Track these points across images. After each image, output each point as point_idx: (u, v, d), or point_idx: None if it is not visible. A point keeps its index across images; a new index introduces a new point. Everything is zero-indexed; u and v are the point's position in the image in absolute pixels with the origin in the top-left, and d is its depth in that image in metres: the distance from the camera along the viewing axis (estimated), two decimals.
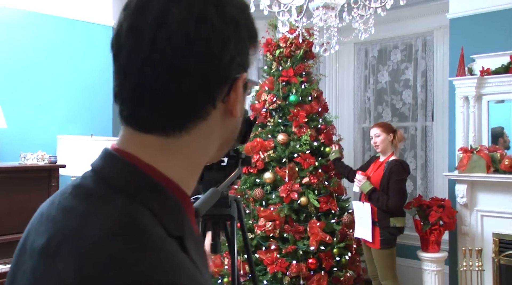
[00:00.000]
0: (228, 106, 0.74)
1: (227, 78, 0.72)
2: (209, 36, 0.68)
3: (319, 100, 4.88)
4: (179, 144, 0.71)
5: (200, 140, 0.73)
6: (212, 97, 0.71)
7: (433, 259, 4.46)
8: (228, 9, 0.71)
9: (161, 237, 0.64)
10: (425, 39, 5.59)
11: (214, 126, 0.74)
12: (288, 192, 4.41)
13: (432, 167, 5.57)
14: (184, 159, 0.73)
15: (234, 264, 1.57)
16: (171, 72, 0.68)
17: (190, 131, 0.71)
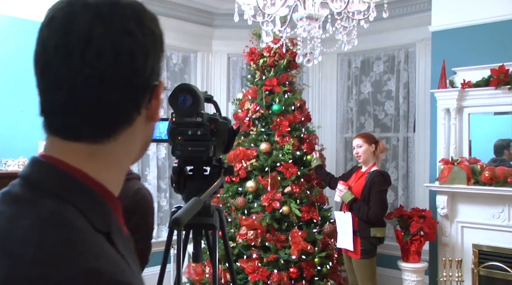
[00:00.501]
0: (150, 112, 0.80)
1: (149, 87, 0.78)
2: (133, 49, 0.74)
3: (302, 110, 4.90)
4: (107, 149, 0.76)
5: (125, 144, 0.78)
6: (138, 105, 0.77)
7: (413, 269, 4.49)
8: (147, 24, 0.78)
9: (88, 231, 0.70)
10: (407, 51, 5.65)
11: (138, 131, 0.79)
12: (270, 201, 4.42)
13: (413, 178, 5.62)
14: (111, 162, 0.78)
15: (215, 273, 1.57)
16: (101, 84, 0.72)
17: (117, 137, 0.76)
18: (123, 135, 0.77)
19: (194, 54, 6.13)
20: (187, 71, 6.09)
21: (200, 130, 1.49)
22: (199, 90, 1.49)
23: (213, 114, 1.58)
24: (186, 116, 1.48)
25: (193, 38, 5.99)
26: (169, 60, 5.88)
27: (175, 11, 5.76)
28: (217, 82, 6.20)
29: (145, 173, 5.64)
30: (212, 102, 1.64)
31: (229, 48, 6.13)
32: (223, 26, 6.07)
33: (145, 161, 5.65)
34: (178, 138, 1.50)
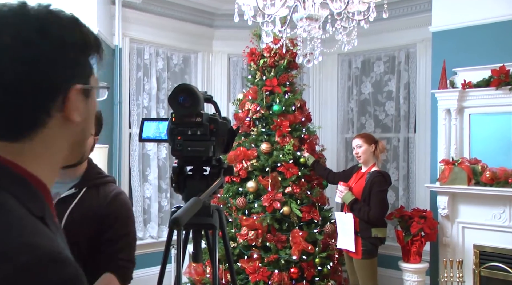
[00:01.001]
0: (66, 114, 0.84)
1: (57, 91, 0.82)
2: (35, 58, 0.78)
3: (303, 110, 4.90)
4: (27, 148, 0.82)
5: (44, 145, 0.83)
6: (45, 109, 0.81)
7: (414, 270, 4.48)
8: (53, 32, 0.81)
9: (25, 214, 0.76)
10: (408, 51, 5.65)
11: (56, 132, 0.84)
12: (270, 201, 4.42)
13: (414, 178, 5.62)
14: (36, 158, 0.83)
15: (216, 273, 1.57)
16: (5, 92, 0.78)
17: (32, 138, 0.82)
18: (40, 137, 0.82)
19: (195, 54, 6.14)
20: (188, 72, 6.10)
21: (199, 130, 1.49)
22: (198, 91, 1.49)
23: (213, 114, 1.58)
24: (186, 116, 1.48)
25: (194, 39, 6.00)
26: (170, 61, 5.88)
27: (175, 11, 5.77)
28: (218, 82, 6.20)
29: (146, 173, 5.65)
30: (211, 103, 1.64)
31: (230, 49, 6.13)
32: (223, 27, 6.08)
33: (146, 161, 5.65)
34: (177, 138, 1.50)
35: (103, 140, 4.74)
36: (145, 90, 5.62)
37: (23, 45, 0.78)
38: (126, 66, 5.42)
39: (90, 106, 0.90)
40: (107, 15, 5.15)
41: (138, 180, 5.56)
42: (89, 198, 1.81)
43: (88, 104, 0.89)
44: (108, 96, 4.60)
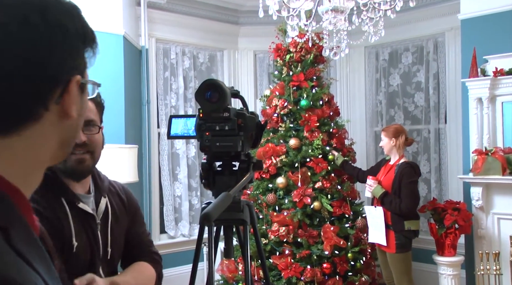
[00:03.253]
0: (63, 108, 0.76)
1: (57, 81, 0.74)
2: (33, 41, 0.70)
3: (330, 105, 4.86)
4: (10, 145, 0.72)
5: (33, 141, 0.74)
6: (43, 100, 0.72)
7: (449, 263, 4.41)
8: (54, 15, 0.73)
9: None
10: (436, 40, 5.55)
11: (49, 128, 0.75)
12: (301, 196, 4.40)
13: (446, 170, 5.52)
14: (16, 158, 0.73)
15: (248, 269, 1.56)
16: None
17: (21, 134, 0.72)
18: (30, 132, 0.73)
19: (221, 52, 6.15)
20: (214, 70, 6.11)
21: (227, 126, 1.48)
22: (225, 85, 1.48)
23: (240, 109, 1.57)
24: (213, 111, 1.48)
25: (219, 37, 6.01)
26: (196, 59, 5.91)
27: (200, 10, 5.79)
28: (244, 79, 6.20)
29: (175, 172, 5.69)
30: (239, 98, 1.64)
31: (255, 45, 6.13)
32: (248, 23, 6.07)
33: (175, 160, 5.69)
34: (205, 134, 1.49)
35: (132, 141, 4.79)
36: (172, 89, 5.66)
37: (22, 25, 0.70)
38: (153, 67, 5.46)
39: (84, 102, 0.83)
40: (132, 16, 5.20)
41: (168, 179, 5.60)
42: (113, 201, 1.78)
43: (83, 100, 0.82)
44: (136, 97, 4.69)
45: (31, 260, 0.67)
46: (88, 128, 1.58)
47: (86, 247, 1.56)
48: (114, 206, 1.75)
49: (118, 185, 1.86)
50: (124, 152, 4.13)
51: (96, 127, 1.60)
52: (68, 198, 1.56)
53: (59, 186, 1.57)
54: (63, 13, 0.75)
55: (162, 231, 5.57)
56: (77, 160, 1.55)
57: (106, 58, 4.64)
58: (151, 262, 1.78)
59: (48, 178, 1.50)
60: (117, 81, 4.64)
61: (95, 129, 1.60)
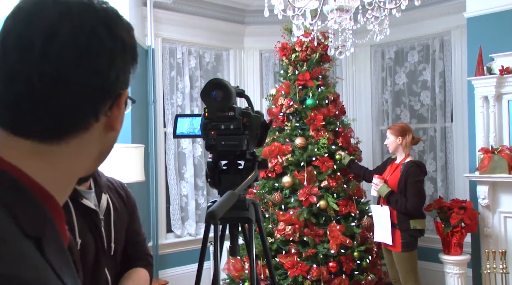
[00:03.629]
0: (110, 121, 0.77)
1: (112, 94, 0.75)
2: (99, 52, 0.72)
3: (336, 103, 4.87)
4: (54, 150, 0.72)
5: (78, 150, 0.75)
6: (96, 111, 0.74)
7: (455, 262, 4.40)
8: (117, 30, 0.75)
9: (14, 233, 0.64)
10: (442, 39, 5.54)
11: (95, 138, 0.76)
12: (307, 195, 4.40)
13: (452, 168, 5.51)
14: (57, 164, 0.73)
15: (253, 267, 1.57)
16: (59, 83, 0.69)
17: (69, 141, 0.73)
18: (78, 141, 0.73)
19: (227, 52, 6.16)
20: (220, 69, 6.13)
21: (232, 125, 1.49)
22: (230, 85, 1.49)
23: (246, 108, 1.58)
24: (219, 110, 1.49)
25: (225, 36, 6.03)
26: (202, 59, 5.92)
27: (206, 10, 5.80)
28: (250, 79, 6.21)
29: (182, 171, 5.71)
30: (244, 97, 1.65)
31: (261, 45, 6.14)
32: (254, 23, 6.09)
33: (181, 160, 5.71)
34: (211, 133, 1.51)
35: (138, 140, 4.81)
36: (178, 89, 5.68)
37: (89, 35, 0.71)
38: (159, 66, 5.48)
39: (123, 117, 0.83)
40: (139, 16, 5.22)
41: (175, 178, 5.62)
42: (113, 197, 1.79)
43: (123, 114, 0.82)
44: (142, 96, 4.72)
45: (60, 272, 0.67)
46: None
47: (90, 244, 1.57)
48: (114, 202, 1.76)
49: (116, 182, 1.87)
50: (130, 151, 4.15)
51: None
52: (71, 195, 1.57)
53: None
54: (124, 29, 0.77)
55: (168, 230, 5.59)
56: None
57: None
58: (146, 265, 1.80)
59: None
60: None
61: None
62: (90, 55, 0.71)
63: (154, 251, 5.23)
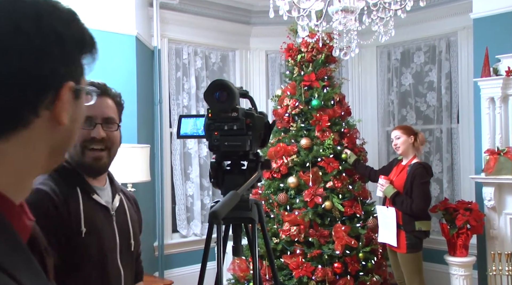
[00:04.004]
0: (54, 115, 0.76)
1: (48, 88, 0.74)
2: (25, 47, 0.71)
3: (342, 104, 4.87)
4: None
5: (22, 147, 0.74)
6: (32, 107, 0.73)
7: (461, 264, 4.39)
8: (48, 23, 0.74)
9: None
10: (448, 40, 5.53)
11: (39, 134, 0.75)
12: (312, 196, 4.41)
13: (458, 170, 5.50)
14: (3, 163, 0.73)
15: (256, 266, 1.58)
16: None
17: (10, 139, 0.72)
18: (18, 138, 0.72)
19: (233, 52, 6.17)
20: (226, 70, 6.14)
21: (236, 125, 1.50)
22: (234, 86, 1.50)
23: (249, 109, 1.59)
24: (222, 111, 1.50)
25: (231, 37, 6.04)
26: (208, 59, 5.94)
27: (212, 10, 5.82)
28: (256, 79, 6.22)
29: (187, 172, 5.72)
30: (247, 98, 1.65)
31: (267, 45, 6.14)
32: (260, 24, 6.09)
33: (187, 160, 5.73)
34: (214, 133, 1.51)
35: (144, 140, 4.83)
36: (184, 89, 5.69)
37: (14, 32, 0.70)
38: (165, 67, 5.50)
39: (79, 109, 0.82)
40: (145, 17, 5.24)
41: (180, 178, 5.63)
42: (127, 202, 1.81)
43: (77, 106, 0.82)
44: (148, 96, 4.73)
45: (12, 270, 0.66)
46: (107, 125, 1.63)
47: (96, 236, 1.57)
48: (129, 206, 1.79)
49: (128, 192, 1.90)
50: (136, 152, 4.17)
51: (115, 125, 1.65)
52: (83, 188, 1.59)
53: (75, 176, 1.60)
54: (59, 20, 0.76)
55: (174, 230, 5.61)
56: (95, 158, 1.59)
57: (118, 58, 4.68)
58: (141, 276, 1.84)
59: (65, 169, 1.58)
60: (130, 81, 4.68)
61: (114, 127, 1.65)
62: (16, 51, 0.70)
63: (159, 251, 5.25)
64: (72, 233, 1.51)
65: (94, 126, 1.59)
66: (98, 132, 1.58)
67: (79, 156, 1.59)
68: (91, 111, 1.57)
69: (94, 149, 1.59)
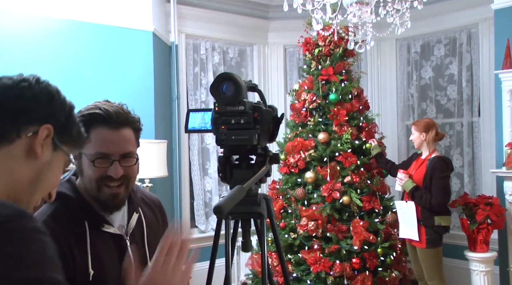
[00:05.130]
0: (30, 144, 1.01)
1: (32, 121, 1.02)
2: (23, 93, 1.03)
3: (360, 98, 4.82)
4: None
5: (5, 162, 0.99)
6: (17, 128, 1.00)
7: (481, 259, 4.31)
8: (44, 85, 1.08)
9: None
10: (469, 32, 5.43)
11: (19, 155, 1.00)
12: (330, 191, 4.38)
13: (479, 164, 5.40)
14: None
15: (265, 261, 1.56)
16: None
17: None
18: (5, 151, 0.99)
19: (250, 47, 6.15)
20: (244, 65, 6.12)
21: (243, 119, 1.48)
22: (241, 79, 1.48)
23: (257, 102, 1.57)
24: (229, 105, 1.48)
25: (249, 32, 6.02)
26: (226, 55, 5.93)
27: (229, 5, 5.80)
28: (274, 74, 6.19)
29: (205, 167, 5.73)
30: (256, 91, 1.63)
31: (285, 40, 6.10)
32: (278, 18, 6.06)
33: (205, 155, 5.73)
34: (221, 127, 1.50)
35: (162, 136, 4.85)
36: (202, 85, 5.70)
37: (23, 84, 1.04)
38: (182, 62, 5.51)
39: (54, 159, 1.06)
40: (162, 13, 5.25)
41: (199, 173, 5.64)
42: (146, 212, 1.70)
43: (53, 156, 1.06)
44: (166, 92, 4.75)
45: None
46: (126, 160, 1.52)
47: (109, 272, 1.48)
48: (148, 217, 1.68)
49: (150, 197, 1.79)
50: (153, 147, 4.19)
51: (133, 159, 1.55)
52: (91, 222, 1.50)
53: (83, 208, 1.51)
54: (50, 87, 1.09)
55: (192, 226, 5.62)
56: (112, 194, 1.50)
57: (136, 54, 4.70)
58: None
59: (72, 201, 1.50)
60: (147, 77, 4.69)
61: (132, 161, 1.55)
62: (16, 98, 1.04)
63: None
64: (79, 276, 1.43)
65: (111, 163, 1.49)
66: (115, 171, 1.49)
67: (95, 191, 1.50)
68: (108, 148, 1.49)
69: (110, 186, 1.50)
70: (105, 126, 1.48)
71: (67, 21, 4.37)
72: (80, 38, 4.43)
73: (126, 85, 4.54)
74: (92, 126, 1.47)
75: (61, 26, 4.35)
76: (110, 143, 1.48)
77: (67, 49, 4.35)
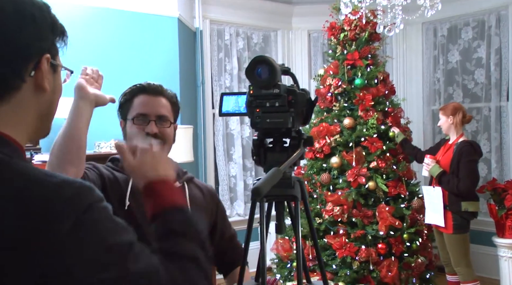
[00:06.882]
0: (37, 81, 0.95)
1: (28, 57, 0.93)
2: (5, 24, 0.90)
3: (386, 83, 4.77)
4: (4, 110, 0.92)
5: (18, 108, 0.94)
6: (18, 73, 0.92)
7: (509, 245, 4.28)
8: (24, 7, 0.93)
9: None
10: (499, 14, 5.32)
11: (29, 97, 0.95)
12: (355, 176, 4.36)
13: (507, 149, 5.33)
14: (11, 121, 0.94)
15: (299, 244, 1.56)
16: None
17: (9, 100, 0.92)
18: (15, 100, 0.93)
19: (274, 32, 6.13)
20: (268, 50, 6.11)
21: (278, 102, 1.47)
22: (275, 62, 1.48)
23: (291, 85, 1.56)
24: (264, 88, 1.47)
25: (273, 17, 5.99)
26: (250, 40, 5.92)
27: None
28: (299, 59, 6.17)
29: (230, 152, 5.75)
30: (289, 75, 1.62)
31: (309, 25, 6.07)
32: (302, 3, 6.02)
33: (230, 141, 5.75)
34: (256, 110, 1.49)
35: (187, 121, 4.87)
36: (226, 70, 5.70)
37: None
38: (207, 48, 5.51)
39: (56, 82, 1.02)
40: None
41: (223, 159, 5.67)
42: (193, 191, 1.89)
43: (55, 79, 1.01)
44: (191, 78, 4.77)
45: None
46: (160, 122, 1.75)
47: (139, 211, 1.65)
48: (192, 196, 1.86)
49: (203, 184, 2.01)
50: (179, 132, 4.18)
51: (168, 122, 1.78)
52: None
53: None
54: (32, 6, 0.95)
55: None
56: None
57: (161, 40, 4.72)
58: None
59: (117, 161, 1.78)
60: (172, 62, 4.71)
61: (167, 124, 1.78)
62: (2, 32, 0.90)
63: None
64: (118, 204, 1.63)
65: (148, 123, 1.73)
66: (151, 128, 1.71)
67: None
68: (146, 109, 1.74)
69: None
70: (145, 93, 1.78)
71: (94, 8, 4.40)
72: (107, 25, 4.46)
73: (152, 71, 4.56)
74: (135, 95, 1.79)
75: (88, 13, 4.38)
76: (148, 106, 1.75)
77: (95, 35, 4.39)
